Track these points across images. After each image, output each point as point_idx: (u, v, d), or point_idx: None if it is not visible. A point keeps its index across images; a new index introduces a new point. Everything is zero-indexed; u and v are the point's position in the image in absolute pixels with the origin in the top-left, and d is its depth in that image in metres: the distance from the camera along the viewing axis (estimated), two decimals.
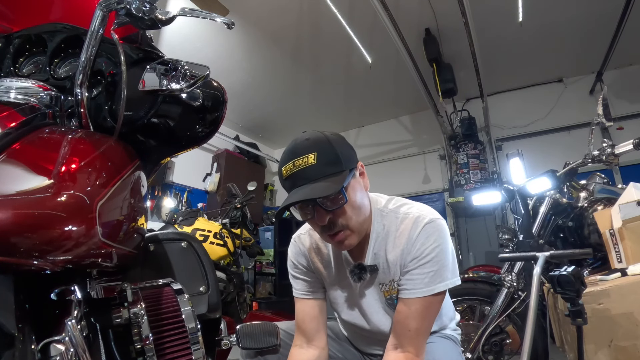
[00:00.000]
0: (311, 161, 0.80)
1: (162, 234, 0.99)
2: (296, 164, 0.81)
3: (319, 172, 0.80)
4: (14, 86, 0.68)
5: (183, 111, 0.81)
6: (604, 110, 1.70)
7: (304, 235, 1.06)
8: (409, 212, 0.91)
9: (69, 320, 0.52)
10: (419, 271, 0.85)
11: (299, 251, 1.05)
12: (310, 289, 1.03)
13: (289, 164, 0.82)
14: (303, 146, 0.82)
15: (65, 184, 0.54)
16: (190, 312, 0.75)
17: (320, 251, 1.02)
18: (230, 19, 0.80)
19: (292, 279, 1.07)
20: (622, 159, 1.72)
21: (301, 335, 1.00)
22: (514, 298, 1.64)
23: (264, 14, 3.28)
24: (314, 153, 0.80)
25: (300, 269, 1.04)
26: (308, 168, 0.80)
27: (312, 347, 0.97)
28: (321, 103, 4.96)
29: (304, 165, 0.80)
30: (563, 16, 3.32)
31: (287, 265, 1.08)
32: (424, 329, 0.87)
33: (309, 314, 1.01)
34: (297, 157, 0.81)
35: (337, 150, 0.83)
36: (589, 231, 1.64)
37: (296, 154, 0.82)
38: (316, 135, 0.85)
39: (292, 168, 0.81)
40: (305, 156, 0.81)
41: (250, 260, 4.17)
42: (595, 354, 1.18)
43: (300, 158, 0.81)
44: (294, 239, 1.08)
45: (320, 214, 0.82)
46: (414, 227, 0.87)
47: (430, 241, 0.85)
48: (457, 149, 4.48)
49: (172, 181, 4.54)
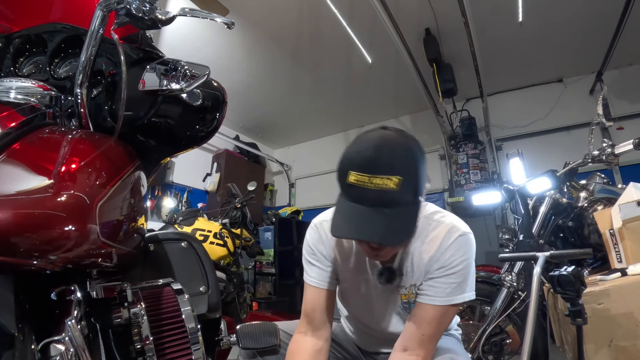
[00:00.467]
0: (392, 186, 0.69)
1: (162, 234, 0.99)
2: (373, 181, 0.69)
3: (395, 201, 0.71)
4: (14, 86, 0.69)
5: (183, 111, 0.81)
6: (604, 110, 1.70)
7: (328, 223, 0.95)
8: (442, 221, 0.89)
9: (69, 320, 0.52)
10: (443, 280, 0.85)
11: (319, 239, 0.98)
12: (324, 279, 0.98)
13: (364, 176, 0.70)
14: (388, 163, 0.70)
15: (65, 184, 0.54)
16: (190, 312, 0.75)
17: (342, 243, 0.97)
18: (230, 19, 0.80)
19: (306, 264, 1.01)
20: (622, 159, 1.72)
21: (308, 323, 0.97)
22: (514, 298, 1.64)
23: (264, 14, 3.28)
24: (399, 178, 0.69)
25: (318, 256, 0.99)
26: (386, 193, 0.69)
27: (317, 336, 0.95)
28: (321, 103, 4.96)
29: (383, 188, 0.69)
30: (563, 16, 3.31)
31: (303, 250, 1.02)
32: (436, 336, 0.88)
33: (320, 304, 0.97)
34: (377, 174, 0.69)
35: (420, 175, 0.73)
36: (589, 231, 1.64)
37: (377, 168, 0.70)
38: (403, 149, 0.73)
39: (367, 183, 0.70)
40: (388, 178, 0.69)
41: (250, 260, 4.17)
42: (595, 354, 1.18)
43: (381, 177, 0.69)
44: (315, 225, 1.00)
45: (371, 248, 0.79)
46: (447, 237, 0.85)
47: (460, 253, 0.84)
48: (457, 149, 4.48)
49: (172, 181, 4.54)
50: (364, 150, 0.73)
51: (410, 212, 0.74)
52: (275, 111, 5.16)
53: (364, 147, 0.73)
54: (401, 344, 0.88)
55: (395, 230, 0.72)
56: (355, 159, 0.73)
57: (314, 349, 0.93)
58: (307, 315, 0.98)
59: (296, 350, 0.93)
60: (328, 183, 5.76)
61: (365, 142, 0.74)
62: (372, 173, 0.70)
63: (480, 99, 4.19)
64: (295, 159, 6.33)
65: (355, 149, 0.75)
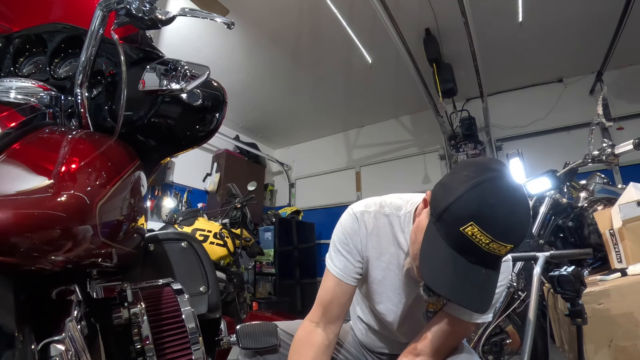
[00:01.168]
0: (503, 253, 0.68)
1: (162, 234, 0.99)
2: (492, 246, 0.66)
3: (497, 265, 0.72)
4: (14, 86, 0.69)
5: (183, 111, 0.81)
6: (604, 110, 1.70)
7: (369, 216, 0.93)
8: None
9: (69, 320, 0.52)
10: None
11: (356, 230, 0.93)
12: (350, 273, 0.93)
13: (487, 237, 0.66)
14: (515, 233, 0.67)
15: (65, 184, 0.54)
16: (190, 312, 0.75)
17: (380, 240, 0.93)
18: (230, 19, 0.79)
19: (335, 252, 0.95)
20: (622, 159, 1.72)
21: (322, 314, 0.93)
22: (514, 298, 1.64)
23: (264, 14, 3.28)
24: (512, 247, 0.67)
25: (351, 248, 0.93)
26: (496, 257, 0.69)
27: (328, 330, 0.92)
28: (321, 103, 4.96)
29: (496, 253, 0.67)
30: (563, 16, 3.31)
31: (335, 234, 0.97)
32: (452, 348, 0.89)
33: (339, 297, 0.93)
34: (501, 240, 0.66)
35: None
36: (589, 231, 1.64)
37: (504, 236, 0.66)
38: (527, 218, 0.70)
39: (484, 244, 0.66)
40: (505, 246, 0.67)
41: (250, 260, 4.17)
42: (595, 354, 1.18)
43: (501, 244, 0.66)
44: (355, 214, 0.94)
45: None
46: None
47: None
48: (457, 149, 4.48)
49: (172, 181, 4.54)
50: (497, 210, 0.66)
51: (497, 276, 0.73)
52: (275, 111, 5.16)
53: (497, 203, 0.67)
54: (415, 347, 0.87)
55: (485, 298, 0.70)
56: (484, 212, 0.66)
57: (324, 344, 0.90)
58: (323, 305, 0.93)
59: (305, 341, 0.91)
60: (328, 183, 5.80)
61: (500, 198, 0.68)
62: (498, 238, 0.66)
63: (480, 99, 4.19)
64: (295, 159, 6.33)
65: (487, 199, 0.67)
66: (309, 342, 0.90)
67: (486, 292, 0.70)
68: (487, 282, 0.70)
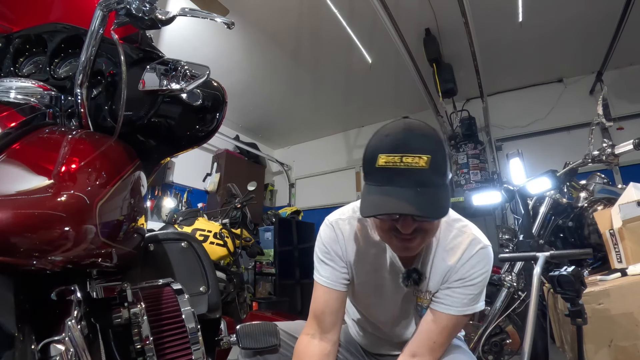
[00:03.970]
0: (422, 164, 0.70)
1: (162, 234, 0.99)
2: (405, 160, 0.70)
3: (428, 181, 0.71)
4: (14, 86, 0.69)
5: (183, 111, 0.81)
6: (604, 110, 1.70)
7: (343, 222, 0.95)
8: (464, 230, 0.88)
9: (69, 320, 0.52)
10: (461, 291, 0.85)
11: (334, 238, 0.95)
12: (336, 279, 0.94)
13: (395, 157, 0.71)
14: (418, 142, 0.71)
15: (65, 184, 0.54)
16: (190, 312, 0.75)
17: (359, 242, 0.94)
18: (230, 19, 0.79)
19: (319, 263, 0.97)
20: (622, 159, 1.72)
21: (316, 325, 0.94)
22: (514, 298, 1.64)
23: (264, 14, 3.27)
24: (429, 156, 0.70)
25: (333, 256, 0.95)
26: (418, 171, 0.70)
27: (325, 340, 0.92)
28: (321, 103, 4.96)
29: (414, 166, 0.70)
30: (563, 16, 3.31)
31: (316, 247, 0.99)
32: (446, 344, 0.89)
33: (331, 305, 0.93)
34: (409, 153, 0.70)
35: (446, 157, 0.74)
36: (589, 231, 1.65)
37: (408, 147, 0.70)
38: (430, 132, 0.75)
39: (398, 162, 0.70)
40: (419, 156, 0.70)
41: (250, 260, 4.17)
42: (595, 354, 1.18)
43: (412, 156, 0.70)
44: (330, 223, 0.96)
45: (408, 224, 0.74)
46: (469, 248, 0.85)
47: (481, 266, 0.84)
48: (457, 149, 4.48)
49: (172, 181, 4.54)
50: (392, 134, 0.73)
51: (441, 193, 0.73)
52: (275, 111, 5.16)
53: (391, 131, 0.74)
54: (410, 349, 0.87)
55: (434, 205, 0.71)
56: (383, 142, 0.73)
57: (322, 353, 0.90)
58: (316, 317, 0.94)
59: (303, 355, 0.91)
60: (328, 183, 5.80)
61: (392, 127, 0.75)
62: (403, 152, 0.70)
63: (480, 99, 4.19)
64: (295, 159, 6.33)
65: (382, 133, 0.75)
66: (307, 355, 0.90)
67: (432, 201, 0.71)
68: (429, 197, 0.71)
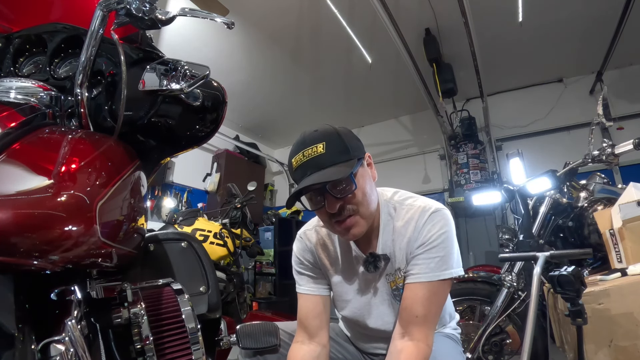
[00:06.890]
0: (320, 150, 0.83)
1: (162, 234, 0.99)
2: (305, 153, 0.83)
3: (328, 160, 0.82)
4: (14, 86, 0.69)
5: (183, 111, 0.81)
6: (604, 110, 1.70)
7: (310, 232, 1.06)
8: (414, 204, 0.93)
9: (69, 320, 0.52)
10: (425, 256, 0.87)
11: (305, 247, 1.05)
12: (314, 285, 1.02)
13: (299, 155, 0.85)
14: (312, 137, 0.85)
15: (65, 184, 0.54)
16: (190, 312, 0.75)
17: (327, 247, 1.02)
18: (230, 19, 0.79)
19: (296, 275, 1.06)
20: (622, 159, 1.71)
21: (303, 331, 0.99)
22: (514, 298, 1.64)
23: (264, 14, 3.28)
24: (323, 143, 0.83)
25: (306, 264, 1.04)
26: (317, 157, 0.82)
27: (314, 343, 0.96)
28: (321, 103, 4.96)
29: (314, 155, 0.83)
30: (563, 16, 3.32)
31: (292, 262, 1.08)
32: (431, 316, 0.88)
33: (313, 310, 1.00)
34: (307, 147, 0.84)
35: (345, 140, 0.85)
36: (589, 231, 1.64)
37: (305, 144, 0.85)
38: (324, 128, 0.88)
39: (302, 158, 0.84)
40: (315, 146, 0.83)
41: (250, 260, 4.17)
42: (595, 354, 1.18)
43: (310, 148, 0.83)
44: (299, 235, 1.07)
45: (331, 201, 0.84)
46: (421, 216, 0.90)
47: (437, 228, 0.88)
48: (457, 149, 4.48)
49: (172, 181, 4.54)
50: (295, 143, 0.88)
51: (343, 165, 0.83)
52: (275, 111, 5.16)
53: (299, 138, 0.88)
54: (398, 331, 0.89)
55: (335, 172, 0.81)
56: (292, 150, 0.88)
57: (312, 356, 0.94)
58: (302, 323, 1.00)
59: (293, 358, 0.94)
60: None
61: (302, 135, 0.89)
62: (302, 149, 0.84)
63: (480, 99, 4.19)
64: None
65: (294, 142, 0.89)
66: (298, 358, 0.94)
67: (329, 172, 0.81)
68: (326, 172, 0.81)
